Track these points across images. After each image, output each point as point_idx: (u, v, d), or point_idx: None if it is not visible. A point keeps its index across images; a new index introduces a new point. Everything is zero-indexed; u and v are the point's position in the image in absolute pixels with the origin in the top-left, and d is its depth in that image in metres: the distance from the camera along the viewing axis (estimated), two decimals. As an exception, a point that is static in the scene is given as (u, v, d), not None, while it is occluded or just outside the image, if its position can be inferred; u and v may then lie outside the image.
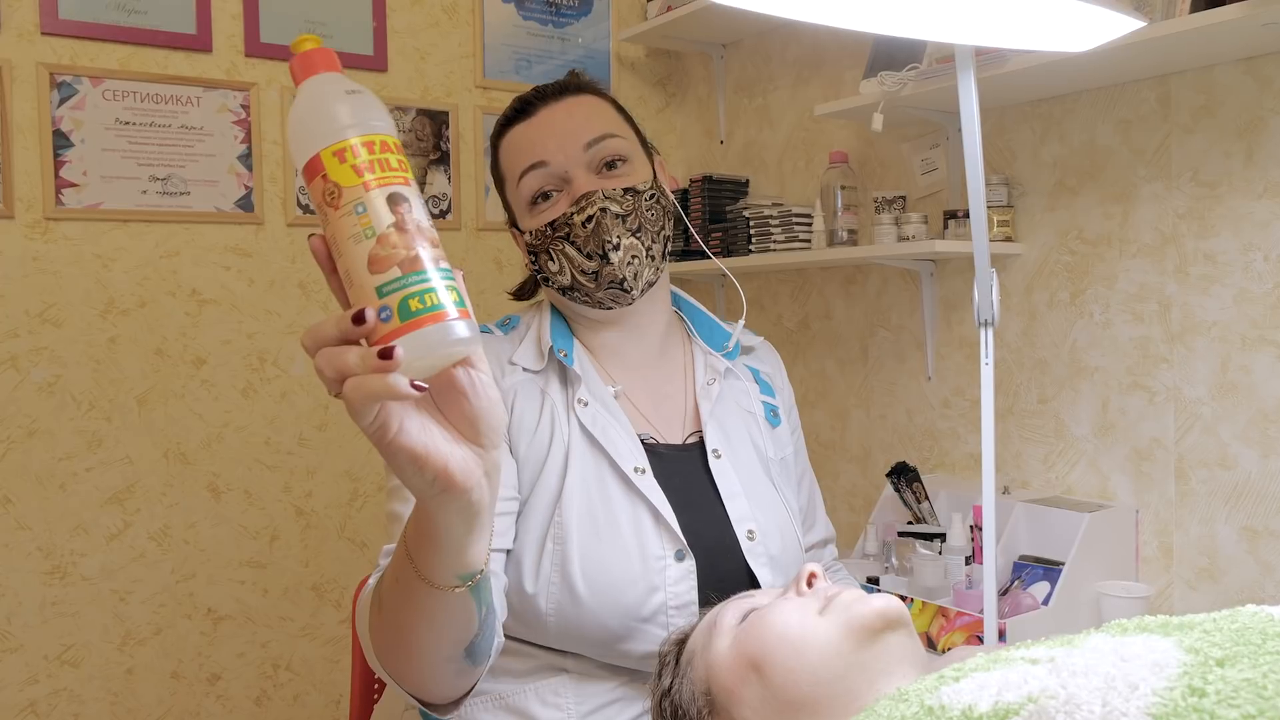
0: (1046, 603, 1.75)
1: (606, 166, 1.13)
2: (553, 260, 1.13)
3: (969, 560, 1.85)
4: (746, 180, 2.66)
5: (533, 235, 1.14)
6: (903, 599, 1.71)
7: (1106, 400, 1.93)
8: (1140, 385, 1.88)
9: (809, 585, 0.86)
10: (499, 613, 1.02)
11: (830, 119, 2.29)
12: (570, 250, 1.11)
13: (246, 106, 2.28)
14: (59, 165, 2.10)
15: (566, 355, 1.14)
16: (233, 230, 2.29)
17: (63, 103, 2.10)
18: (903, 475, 2.04)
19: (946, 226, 2.06)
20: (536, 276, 1.19)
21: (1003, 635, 1.65)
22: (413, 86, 2.51)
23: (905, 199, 2.20)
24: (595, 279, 1.11)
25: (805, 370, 2.56)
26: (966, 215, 2.02)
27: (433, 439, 0.63)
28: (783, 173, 2.62)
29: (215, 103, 2.25)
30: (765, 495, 1.16)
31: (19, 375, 2.09)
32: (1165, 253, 1.84)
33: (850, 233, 2.24)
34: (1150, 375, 1.86)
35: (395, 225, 0.59)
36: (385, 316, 0.58)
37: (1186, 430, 1.81)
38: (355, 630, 1.35)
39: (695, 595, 1.06)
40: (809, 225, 2.33)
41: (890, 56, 2.02)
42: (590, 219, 1.10)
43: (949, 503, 2.06)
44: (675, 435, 1.17)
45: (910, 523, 2.03)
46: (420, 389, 0.58)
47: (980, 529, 1.81)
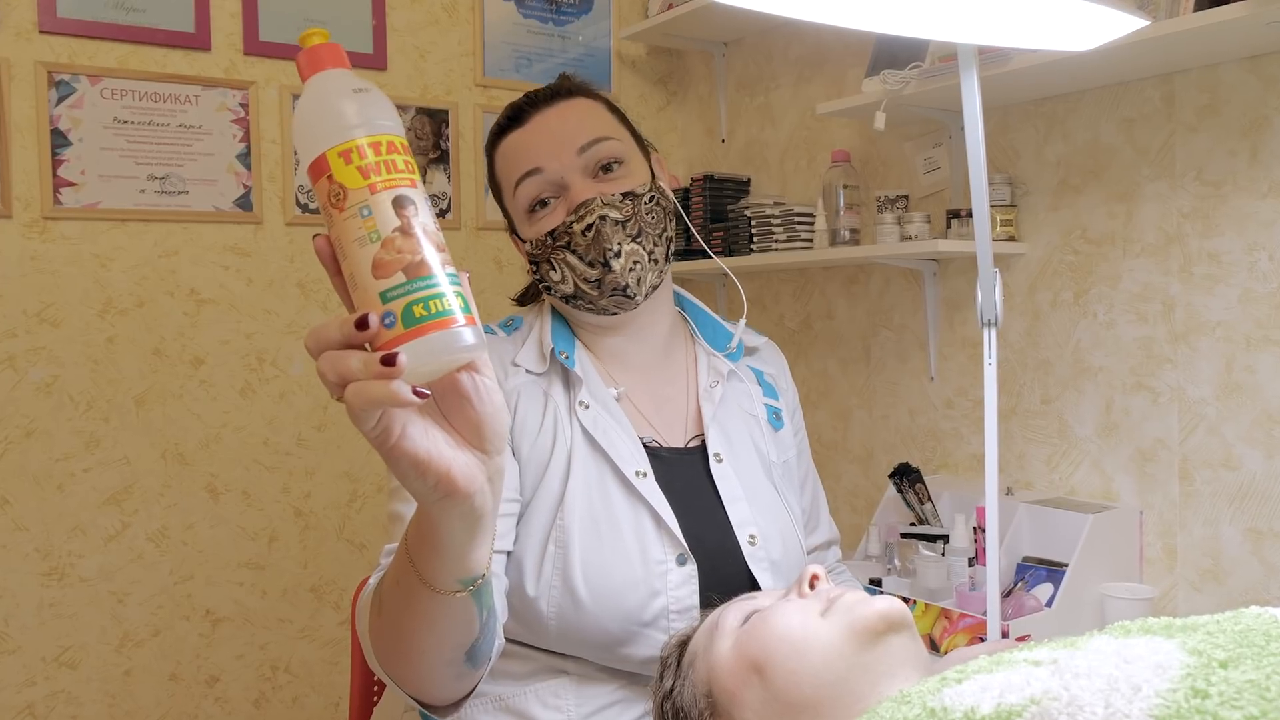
0: (1050, 604, 1.74)
1: (603, 170, 1.12)
2: (555, 269, 1.12)
3: (972, 562, 1.84)
4: (748, 179, 2.65)
5: (533, 245, 1.13)
6: (905, 601, 1.70)
7: (1110, 401, 1.92)
8: (1144, 386, 1.87)
9: (811, 587, 0.85)
10: (500, 615, 1.01)
11: (832, 118, 2.29)
12: (572, 259, 1.10)
13: (245, 105, 2.27)
14: (57, 164, 2.09)
15: (568, 358, 1.13)
16: (231, 230, 2.28)
17: (61, 101, 2.09)
18: (905, 476, 2.04)
19: (949, 226, 2.06)
20: (539, 285, 1.18)
21: (1006, 637, 1.63)
22: (412, 85, 2.50)
23: (908, 198, 2.19)
24: (598, 286, 1.11)
25: (807, 370, 2.55)
26: (969, 214, 2.01)
27: (435, 444, 0.62)
28: (784, 172, 2.61)
29: (214, 101, 2.24)
30: (767, 499, 1.15)
31: (16, 375, 2.08)
32: (1169, 252, 1.83)
33: (852, 232, 2.23)
34: (1154, 375, 1.85)
35: (400, 229, 0.58)
36: (389, 322, 0.57)
37: (1190, 431, 1.80)
38: (355, 631, 1.34)
39: (696, 600, 1.05)
40: (811, 225, 2.32)
41: (893, 55, 2.02)
42: (590, 227, 1.08)
43: (952, 504, 2.05)
44: (677, 438, 1.16)
45: (913, 524, 2.03)
46: (423, 396, 0.57)
47: (983, 530, 1.80)
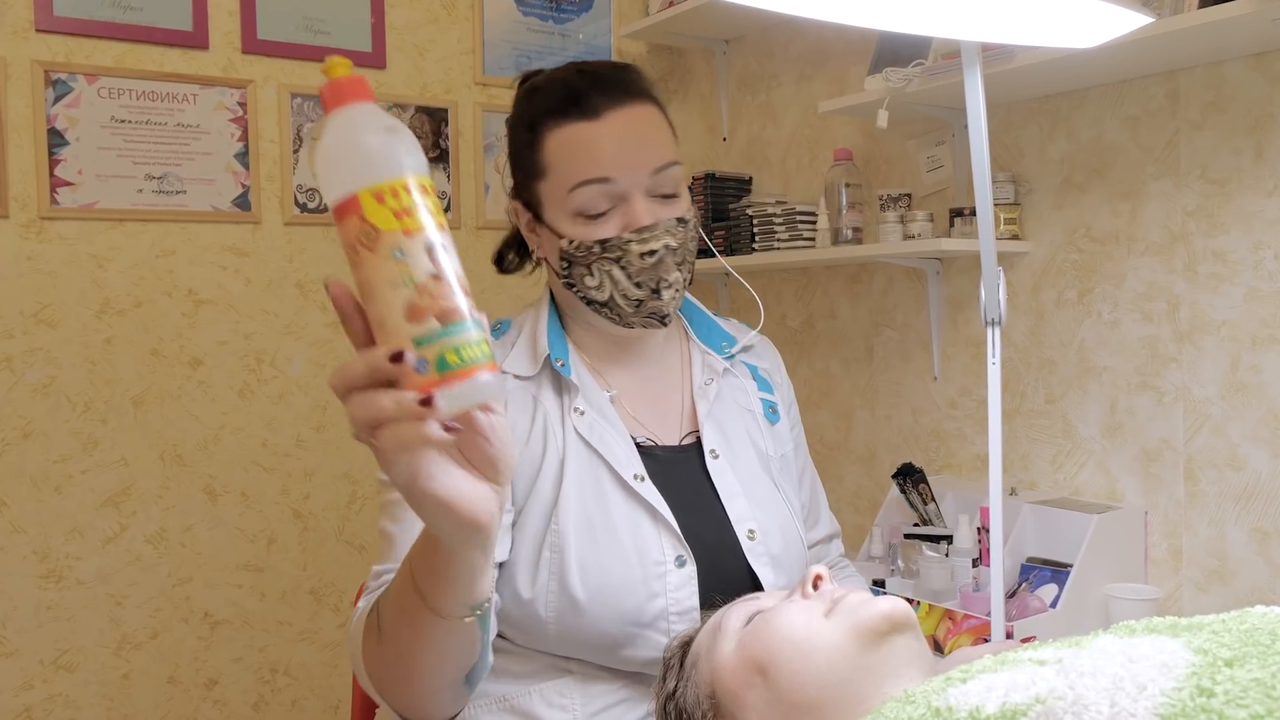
0: (1054, 605, 1.74)
1: (664, 195, 1.09)
2: (592, 276, 1.09)
3: (976, 562, 1.83)
4: (750, 178, 2.64)
5: (574, 245, 1.08)
6: (909, 601, 1.69)
7: (1115, 400, 1.91)
8: (1149, 385, 1.86)
9: (814, 588, 0.85)
10: (492, 634, 1.00)
11: (835, 116, 2.27)
12: (618, 274, 1.08)
13: (243, 104, 2.26)
14: (54, 164, 2.08)
15: (564, 365, 1.11)
16: (229, 229, 2.27)
17: (58, 100, 2.08)
18: (908, 476, 2.03)
19: (952, 224, 2.05)
20: (561, 280, 1.13)
21: (1010, 638, 1.62)
22: (411, 83, 2.49)
23: (911, 197, 2.18)
24: (637, 306, 1.09)
25: (809, 370, 2.54)
26: (973, 213, 2.00)
27: (456, 482, 0.62)
28: (786, 170, 2.60)
29: (212, 100, 2.23)
30: (765, 494, 1.15)
31: (13, 376, 2.06)
32: (1174, 251, 1.81)
33: (855, 231, 2.22)
34: (1159, 375, 1.84)
35: (434, 275, 0.58)
36: (421, 368, 0.57)
37: (1196, 430, 1.79)
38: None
39: (696, 601, 1.05)
40: (813, 223, 2.31)
41: (895, 52, 2.01)
42: (652, 254, 1.07)
43: (955, 504, 2.04)
44: (672, 436, 1.15)
45: (916, 524, 2.02)
46: (454, 430, 0.58)
47: (987, 531, 1.79)
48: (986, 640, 1.63)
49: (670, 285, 1.09)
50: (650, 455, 1.11)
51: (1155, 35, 1.58)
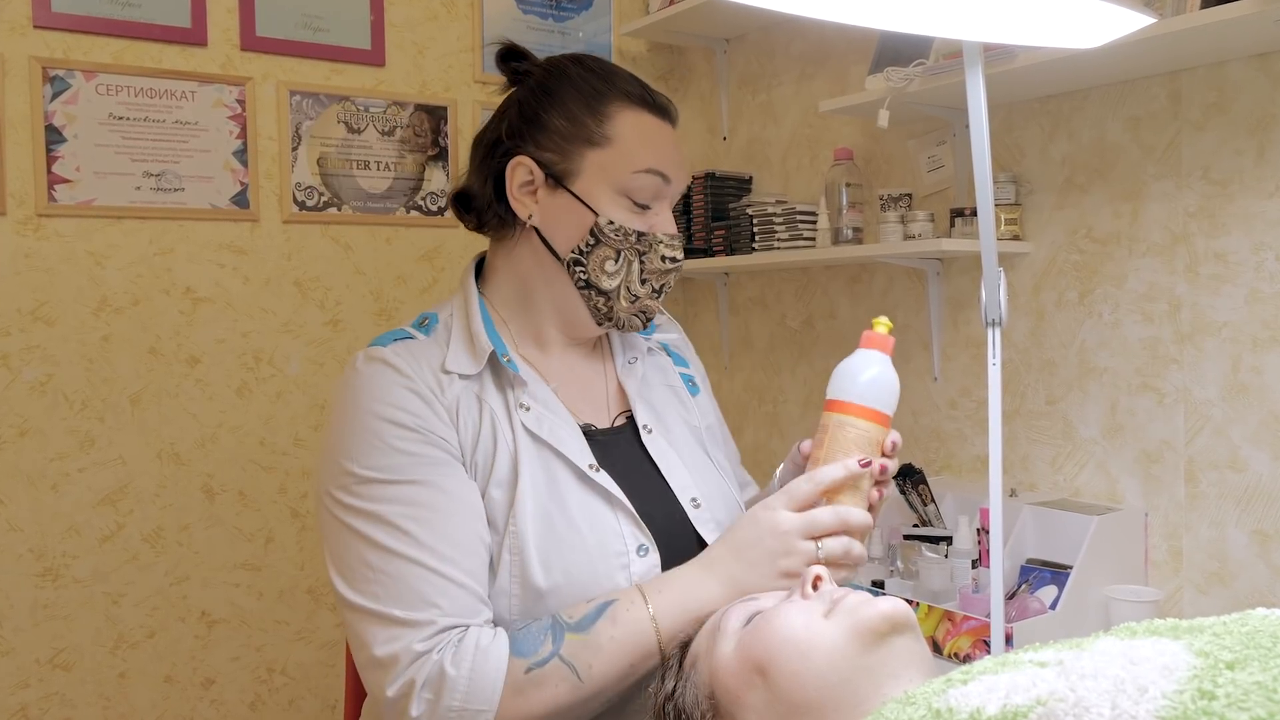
0: (1054, 607, 1.73)
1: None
2: (615, 261, 1.09)
3: (975, 564, 1.83)
4: (750, 177, 2.64)
5: (613, 225, 1.08)
6: (908, 603, 1.69)
7: (1115, 402, 1.90)
8: (1150, 386, 1.85)
9: (814, 588, 0.85)
10: None
11: (835, 115, 2.26)
12: (636, 267, 1.10)
13: (242, 101, 2.25)
14: (51, 161, 2.07)
15: (510, 360, 1.09)
16: (228, 227, 2.26)
17: (55, 97, 2.07)
18: (908, 477, 2.02)
19: (953, 225, 2.04)
20: (569, 255, 1.10)
21: (1010, 640, 1.62)
22: (410, 81, 2.48)
23: (911, 197, 2.18)
24: (633, 303, 1.12)
25: (809, 370, 2.54)
26: (974, 213, 2.00)
27: None
28: (787, 170, 2.59)
29: (210, 97, 2.22)
30: (701, 464, 1.18)
31: (10, 374, 2.06)
32: (1175, 252, 1.81)
33: (855, 231, 2.21)
34: (1160, 376, 1.84)
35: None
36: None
37: (1196, 432, 1.79)
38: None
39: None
40: (813, 223, 2.30)
41: (896, 52, 2.00)
42: (674, 261, 1.13)
43: (955, 505, 2.03)
44: (603, 420, 1.16)
45: (916, 525, 2.01)
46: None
47: (987, 532, 1.79)
48: (985, 643, 1.63)
49: (668, 290, 1.15)
50: (592, 440, 1.10)
51: (1157, 36, 1.57)
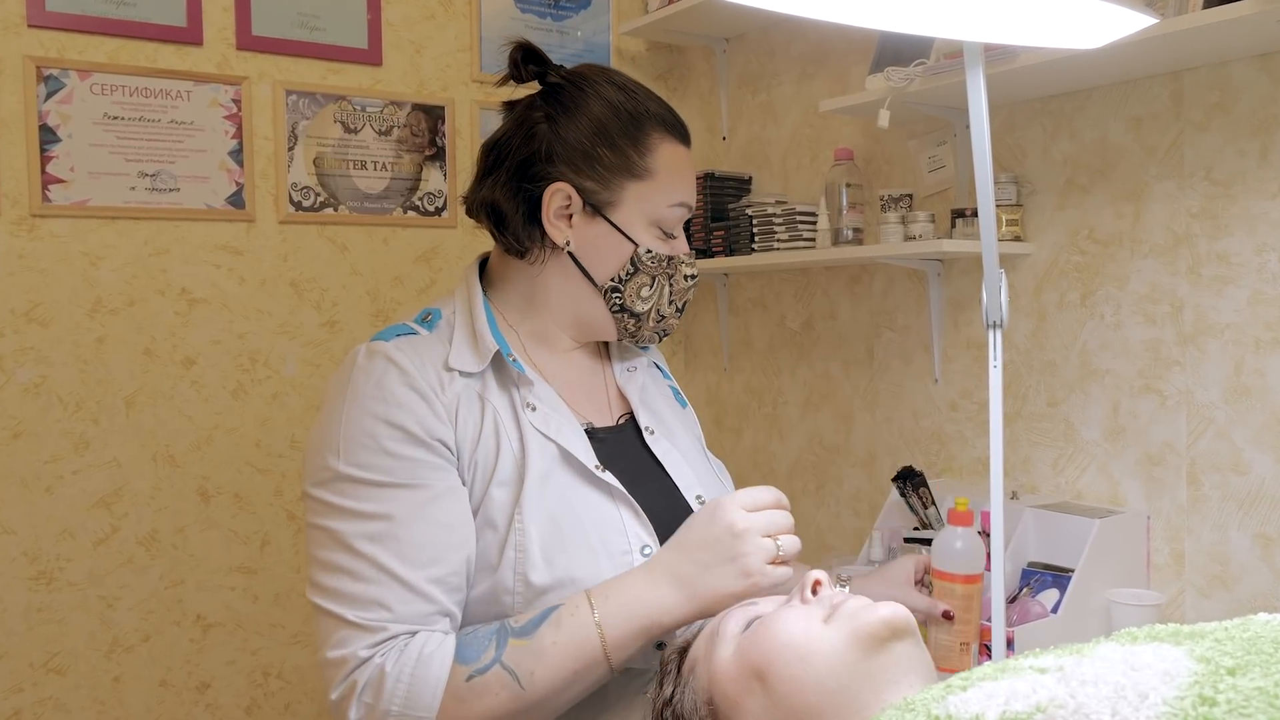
0: (1056, 611, 1.72)
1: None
2: (651, 287, 1.14)
3: (976, 567, 1.81)
4: (749, 177, 2.63)
5: (650, 255, 1.13)
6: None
7: (1117, 404, 1.89)
8: (1152, 388, 1.84)
9: (813, 593, 0.84)
10: None
11: (835, 115, 2.25)
12: (666, 290, 1.15)
13: (238, 101, 2.24)
14: (46, 161, 2.06)
15: (515, 360, 1.09)
16: (223, 228, 2.25)
17: (50, 97, 2.06)
18: (909, 480, 2.01)
19: (954, 225, 2.03)
20: (609, 283, 1.12)
21: (1011, 644, 1.61)
22: (408, 80, 2.47)
23: (912, 197, 2.17)
24: (660, 321, 1.17)
25: (809, 372, 2.52)
26: (974, 214, 1.99)
27: None
28: (787, 170, 2.58)
29: (206, 97, 2.21)
30: (702, 465, 1.21)
31: (4, 376, 2.04)
32: (1178, 253, 1.80)
33: (855, 231, 2.20)
34: (1162, 378, 1.82)
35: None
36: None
37: (1199, 435, 1.78)
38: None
39: None
40: (813, 224, 2.29)
41: (897, 51, 1.99)
42: (694, 278, 1.18)
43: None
44: (605, 418, 1.17)
45: (917, 528, 2.00)
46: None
47: (988, 535, 1.77)
48: (987, 648, 1.62)
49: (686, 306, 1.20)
50: (594, 438, 1.11)
51: (1159, 35, 1.56)
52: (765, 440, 2.64)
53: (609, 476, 1.07)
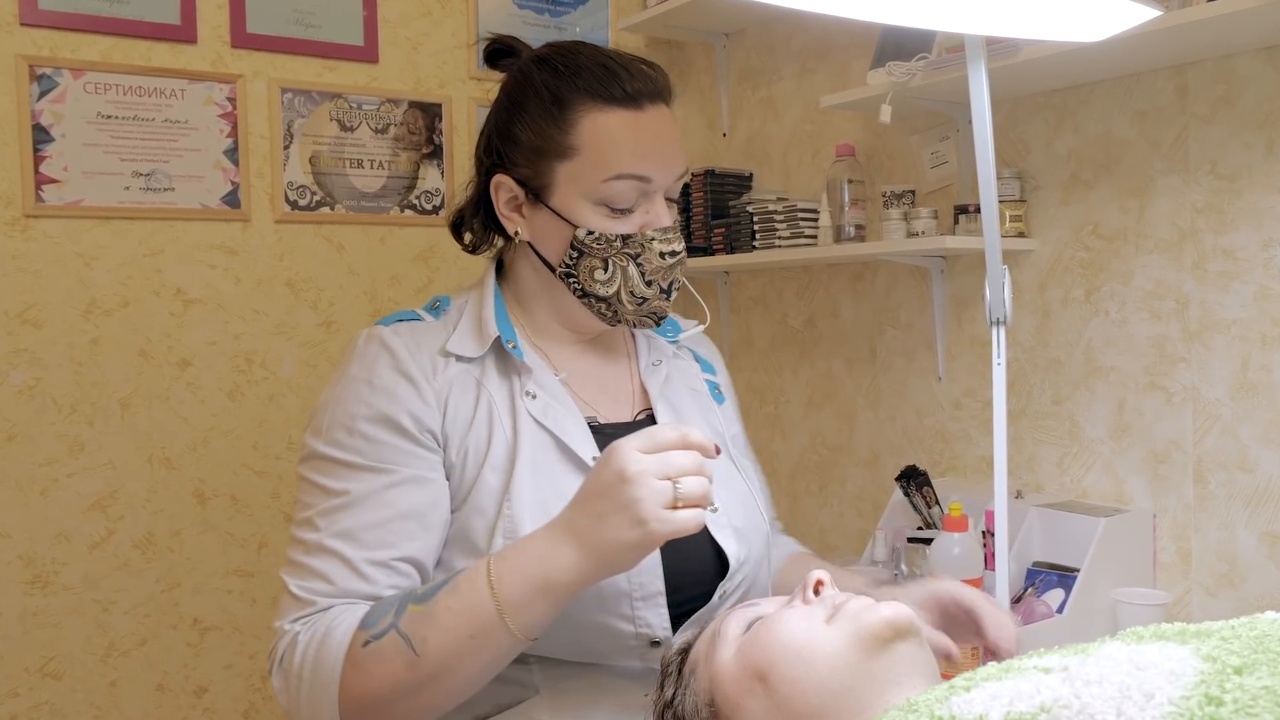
0: (1061, 610, 1.72)
1: (672, 200, 1.11)
2: (604, 269, 1.07)
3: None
4: (750, 174, 2.61)
5: (592, 236, 1.06)
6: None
7: (1123, 401, 1.88)
8: (1157, 385, 1.82)
9: (815, 593, 0.83)
10: None
11: (837, 111, 2.24)
12: (633, 271, 1.07)
13: (233, 99, 2.22)
14: (39, 160, 2.04)
15: (515, 347, 1.09)
16: (219, 227, 2.23)
17: (43, 96, 2.04)
18: (912, 479, 2.01)
19: (957, 222, 2.02)
20: (560, 269, 1.09)
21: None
22: (404, 78, 2.45)
23: (914, 193, 2.15)
24: (640, 305, 1.09)
25: (811, 370, 2.51)
26: (978, 210, 1.97)
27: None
28: (788, 166, 2.56)
29: (200, 95, 2.19)
30: (722, 467, 1.15)
31: (-2, 378, 2.03)
32: (1183, 248, 1.78)
33: (857, 228, 2.19)
34: (1167, 375, 1.81)
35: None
36: None
37: (1205, 432, 1.76)
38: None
39: (661, 585, 1.03)
40: (815, 221, 2.28)
41: (899, 46, 1.98)
42: (674, 255, 1.09)
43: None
44: (624, 415, 1.15)
45: (920, 528, 2.00)
46: None
47: (992, 534, 1.76)
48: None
49: (678, 287, 1.11)
50: (601, 433, 1.09)
51: (1164, 28, 1.55)
52: (767, 440, 2.63)
53: None
